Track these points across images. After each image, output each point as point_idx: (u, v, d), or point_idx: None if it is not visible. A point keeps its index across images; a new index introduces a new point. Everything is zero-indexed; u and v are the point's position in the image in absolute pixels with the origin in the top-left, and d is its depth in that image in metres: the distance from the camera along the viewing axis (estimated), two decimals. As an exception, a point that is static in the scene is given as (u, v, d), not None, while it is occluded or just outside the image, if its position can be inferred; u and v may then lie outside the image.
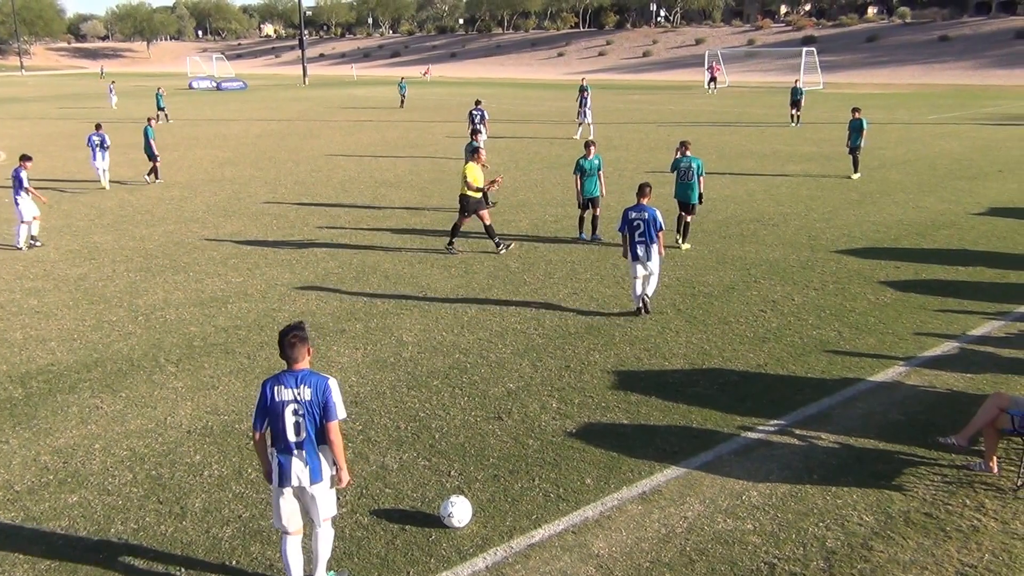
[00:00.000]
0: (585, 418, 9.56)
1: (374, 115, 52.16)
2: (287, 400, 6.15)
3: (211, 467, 8.58)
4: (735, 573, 6.78)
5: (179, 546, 7.23)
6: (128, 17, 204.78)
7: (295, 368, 6.21)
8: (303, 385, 6.16)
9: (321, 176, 27.70)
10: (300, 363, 6.21)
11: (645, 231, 12.69)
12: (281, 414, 6.16)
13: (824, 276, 15.08)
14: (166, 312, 13.62)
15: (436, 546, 7.17)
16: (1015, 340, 11.73)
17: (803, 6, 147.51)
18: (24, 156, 18.76)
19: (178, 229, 19.85)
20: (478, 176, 16.70)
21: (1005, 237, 17.85)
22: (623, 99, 61.94)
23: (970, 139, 35.17)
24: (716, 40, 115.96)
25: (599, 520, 7.52)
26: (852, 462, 8.50)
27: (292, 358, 6.20)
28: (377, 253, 17.19)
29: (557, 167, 28.83)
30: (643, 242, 12.73)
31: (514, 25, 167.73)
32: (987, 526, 7.36)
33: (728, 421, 9.44)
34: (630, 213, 12.87)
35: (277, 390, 6.18)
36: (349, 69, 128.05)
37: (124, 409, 9.99)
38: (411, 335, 12.35)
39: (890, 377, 10.64)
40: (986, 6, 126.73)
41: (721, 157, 30.07)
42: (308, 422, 6.17)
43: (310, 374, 6.23)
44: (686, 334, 12.23)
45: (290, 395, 6.15)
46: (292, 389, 6.15)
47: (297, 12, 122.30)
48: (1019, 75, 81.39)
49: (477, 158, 17.09)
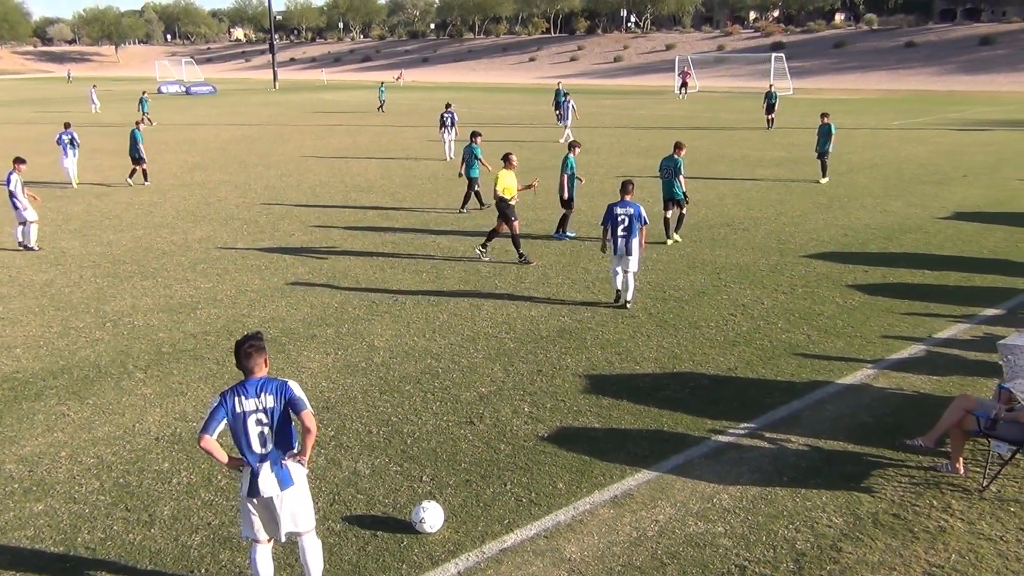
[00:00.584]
0: (557, 422, 9.57)
1: (345, 119, 51.99)
2: (249, 411, 6.02)
3: (180, 474, 8.49)
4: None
5: (147, 555, 7.15)
6: (95, 21, 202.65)
7: (252, 377, 6.09)
8: (264, 393, 6.03)
9: (292, 181, 27.56)
10: (257, 373, 6.09)
11: (629, 226, 13.15)
12: (244, 426, 6.03)
13: (793, 280, 15.21)
14: (134, 318, 13.48)
15: (408, 552, 7.14)
16: (980, 343, 11.88)
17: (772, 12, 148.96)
18: (17, 158, 18.67)
19: (147, 234, 19.66)
20: (510, 184, 16.38)
21: (970, 241, 18.09)
22: (595, 104, 62.12)
23: (936, 144, 35.65)
24: (686, 46, 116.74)
25: (571, 524, 7.53)
26: (821, 464, 8.57)
27: (248, 368, 6.08)
28: (348, 258, 17.12)
29: (527, 171, 28.82)
30: (625, 236, 13.16)
31: (485, 30, 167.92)
32: (954, 527, 7.45)
33: (699, 424, 9.48)
34: (615, 208, 13.30)
35: (238, 401, 6.02)
36: (320, 73, 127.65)
37: (91, 416, 9.87)
38: (382, 340, 12.31)
39: (858, 380, 10.74)
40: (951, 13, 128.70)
41: (692, 162, 30.14)
42: (272, 430, 6.05)
43: (268, 381, 6.10)
44: (657, 338, 12.28)
45: (252, 405, 6.02)
46: (253, 399, 6.02)
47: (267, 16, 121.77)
48: (983, 81, 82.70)
49: (509, 164, 16.67)
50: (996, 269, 15.80)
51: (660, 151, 33.96)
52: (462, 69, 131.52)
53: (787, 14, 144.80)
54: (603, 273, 15.55)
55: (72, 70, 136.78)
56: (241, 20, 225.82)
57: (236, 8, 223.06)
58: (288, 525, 6.24)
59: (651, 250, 16.95)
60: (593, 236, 18.00)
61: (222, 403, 6.05)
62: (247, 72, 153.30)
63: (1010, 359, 7.67)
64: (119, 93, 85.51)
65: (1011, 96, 68.28)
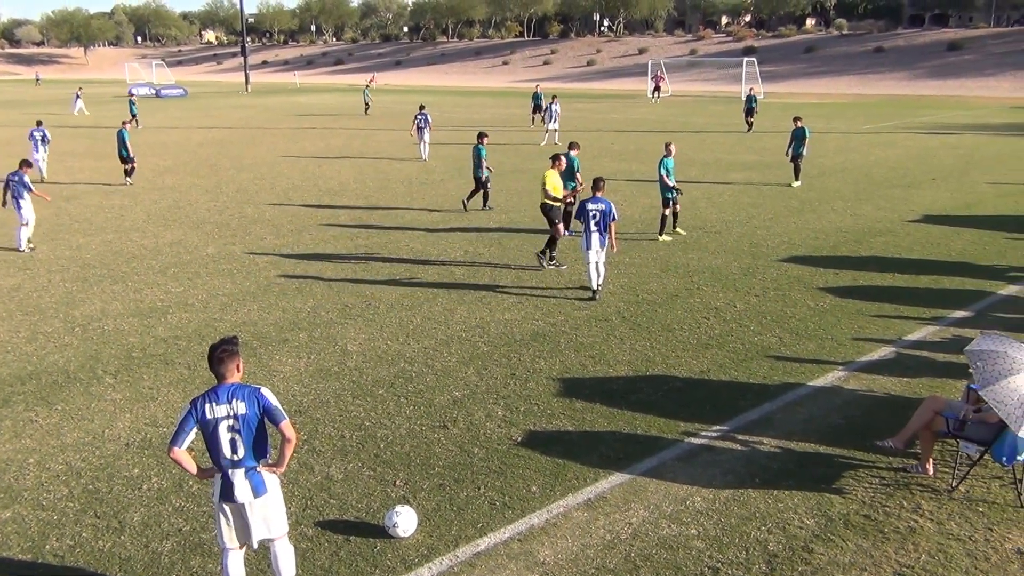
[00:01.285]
0: (530, 426, 9.56)
1: (318, 122, 51.77)
2: (221, 417, 5.95)
3: (150, 480, 8.40)
4: (679, 578, 6.84)
5: (117, 561, 7.07)
6: (64, 22, 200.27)
7: (224, 383, 6.02)
8: (235, 399, 5.96)
9: (264, 184, 27.40)
10: (229, 378, 6.02)
11: (601, 220, 13.97)
12: (215, 432, 5.96)
13: (765, 283, 15.32)
14: (104, 323, 13.34)
15: (381, 556, 7.11)
16: (949, 344, 12.02)
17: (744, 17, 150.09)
18: (24, 161, 19.05)
19: (117, 238, 19.47)
20: (558, 184, 16.30)
21: (939, 244, 18.30)
22: (568, 107, 62.11)
23: (905, 148, 36.05)
24: (659, 50, 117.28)
25: (545, 527, 7.53)
26: (793, 466, 8.63)
27: (220, 373, 6.00)
28: (321, 262, 17.04)
29: (500, 175, 28.87)
30: (598, 230, 13.98)
31: (458, 34, 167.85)
32: (924, 527, 7.52)
33: (672, 427, 9.52)
34: (588, 204, 14.11)
35: (209, 407, 5.95)
36: (292, 76, 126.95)
37: (60, 422, 9.76)
38: (355, 344, 12.25)
39: (829, 382, 10.83)
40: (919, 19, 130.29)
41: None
42: (244, 436, 5.98)
43: (240, 387, 6.03)
44: (630, 341, 12.32)
45: (224, 411, 5.95)
46: (225, 405, 5.95)
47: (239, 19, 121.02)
48: (951, 85, 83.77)
49: (557, 164, 16.57)
50: (964, 271, 16.00)
51: (632, 155, 34.22)
52: (435, 72, 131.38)
53: (759, 19, 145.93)
54: (576, 277, 15.59)
55: (40, 72, 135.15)
56: (212, 22, 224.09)
57: (207, 10, 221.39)
58: (261, 532, 6.19)
59: (624, 253, 17.03)
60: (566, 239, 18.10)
61: (192, 411, 5.97)
62: (219, 75, 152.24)
63: (979, 365, 7.74)
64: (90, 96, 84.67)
65: (979, 101, 69.19)
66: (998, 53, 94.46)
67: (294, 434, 6.06)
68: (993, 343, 7.97)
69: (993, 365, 7.66)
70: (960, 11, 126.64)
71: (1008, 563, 7.01)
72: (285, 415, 6.07)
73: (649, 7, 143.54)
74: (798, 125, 25.61)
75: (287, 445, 6.02)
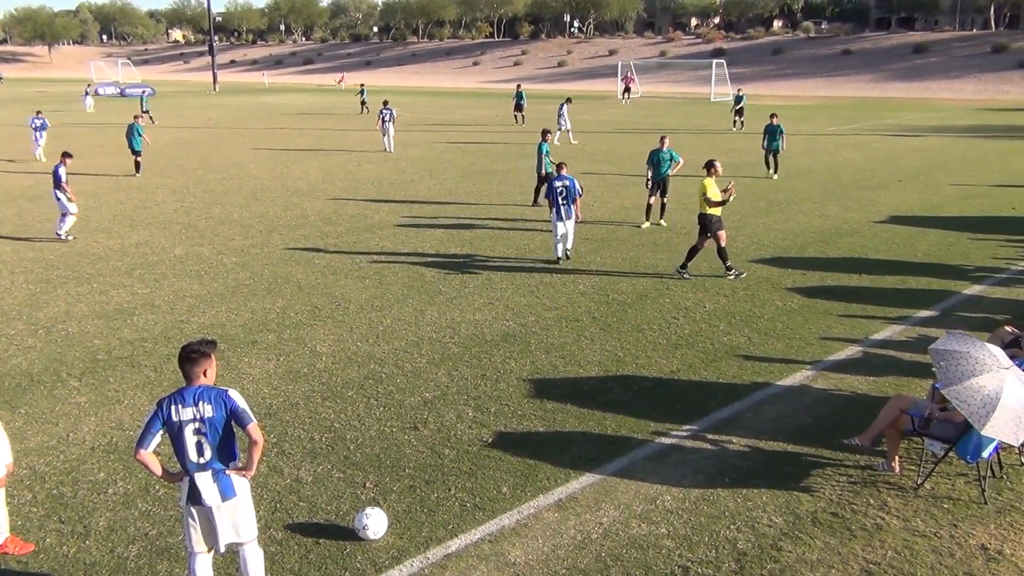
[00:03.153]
0: (501, 427, 9.56)
1: (287, 122, 51.43)
2: (187, 420, 5.87)
3: (116, 484, 8.30)
4: (650, 577, 6.86)
5: (82, 567, 6.98)
6: (28, 20, 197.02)
7: (191, 385, 5.95)
8: (202, 402, 5.88)
9: (232, 185, 27.18)
10: (196, 380, 5.95)
11: (567, 195, 16.31)
12: (180, 435, 5.89)
13: (734, 283, 15.41)
14: (68, 325, 13.16)
15: (351, 559, 7.07)
16: (915, 344, 12.15)
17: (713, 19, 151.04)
18: (65, 153, 19.70)
19: (81, 239, 19.21)
20: (718, 191, 15.45)
21: (905, 244, 18.51)
22: (539, 108, 62.25)
23: (871, 150, 36.44)
24: (629, 51, 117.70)
25: (516, 528, 7.52)
26: (762, 465, 8.68)
27: (188, 373, 5.94)
28: (289, 263, 16.92)
29: (470, 175, 28.88)
30: (566, 204, 16.32)
31: (429, 34, 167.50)
32: (890, 524, 7.60)
33: (642, 427, 9.55)
34: (555, 182, 16.53)
35: (175, 410, 5.88)
36: (260, 76, 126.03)
37: (23, 426, 9.61)
38: (325, 345, 12.18)
39: (798, 381, 10.92)
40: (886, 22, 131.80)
41: (636, 166, 30.45)
42: (211, 439, 5.91)
43: (207, 389, 5.95)
44: (600, 341, 12.35)
45: (190, 414, 5.87)
46: (191, 407, 5.87)
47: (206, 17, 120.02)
48: (917, 88, 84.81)
49: (714, 171, 15.55)
50: (930, 272, 16.20)
51: (603, 156, 34.30)
52: (405, 73, 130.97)
53: (727, 21, 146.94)
54: (547, 278, 15.61)
55: (3, 71, 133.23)
56: (180, 21, 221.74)
57: (174, 9, 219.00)
58: (228, 536, 6.12)
59: (595, 253, 17.10)
60: (535, 228, 18.16)
61: (158, 412, 5.90)
62: (186, 74, 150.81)
63: (943, 365, 7.83)
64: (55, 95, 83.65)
65: (944, 103, 70.09)
66: (963, 56, 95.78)
67: (262, 437, 6.02)
68: (957, 343, 8.07)
69: (956, 365, 7.75)
70: (926, 14, 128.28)
71: (972, 559, 7.10)
72: (253, 417, 6.01)
73: (619, 9, 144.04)
74: (773, 122, 26.44)
75: (255, 448, 5.96)
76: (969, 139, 41.07)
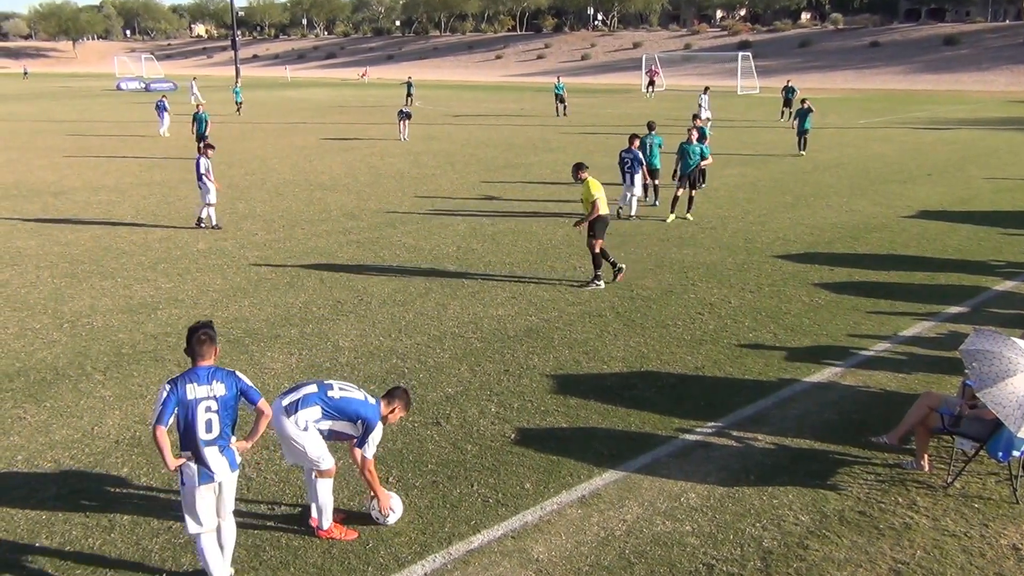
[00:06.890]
0: (524, 422, 9.50)
1: (309, 116, 51.58)
2: (201, 397, 6.17)
3: (140, 478, 8.32)
4: (674, 575, 6.78)
5: (107, 560, 6.99)
6: (52, 16, 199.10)
7: (202, 365, 6.27)
8: (215, 380, 6.23)
9: (255, 179, 27.27)
10: (207, 360, 6.28)
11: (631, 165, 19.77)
12: (193, 412, 6.16)
13: (760, 279, 15.26)
14: (93, 319, 13.22)
15: (374, 554, 7.04)
16: (945, 340, 11.98)
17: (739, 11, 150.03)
18: (207, 144, 20.36)
19: (106, 233, 19.33)
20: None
21: (935, 240, 18.27)
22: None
23: (900, 143, 36.06)
24: (653, 44, 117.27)
25: (538, 525, 7.47)
26: (788, 462, 8.58)
27: (201, 354, 6.27)
28: (312, 257, 16.94)
29: (493, 169, 28.83)
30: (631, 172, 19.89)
31: (451, 27, 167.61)
32: (919, 523, 7.48)
33: (666, 423, 9.46)
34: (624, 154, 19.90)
35: (190, 388, 6.18)
36: (283, 71, 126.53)
37: (48, 419, 9.65)
38: (347, 340, 12.17)
39: (825, 378, 10.78)
40: (915, 13, 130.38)
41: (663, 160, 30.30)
42: (222, 417, 6.23)
43: (218, 369, 6.31)
44: (624, 337, 12.26)
45: (204, 392, 6.18)
46: (205, 386, 6.20)
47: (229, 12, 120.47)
48: (947, 80, 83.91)
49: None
50: (960, 267, 15.97)
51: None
52: (427, 67, 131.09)
53: (753, 13, 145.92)
54: (570, 272, 15.53)
55: (28, 66, 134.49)
56: (203, 16, 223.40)
57: (197, 3, 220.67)
58: (229, 507, 6.50)
59: (619, 248, 17.02)
60: (557, 222, 18.08)
61: (173, 389, 6.17)
62: (208, 68, 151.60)
63: (975, 367, 7.67)
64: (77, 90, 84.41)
65: (975, 95, 69.31)
66: (994, 47, 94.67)
67: (269, 408, 6.51)
68: (988, 342, 7.91)
69: (990, 366, 7.60)
70: (957, 5, 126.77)
71: (1004, 559, 6.98)
72: (260, 394, 6.46)
73: (644, 1, 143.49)
74: (804, 106, 28.08)
75: (263, 418, 6.44)
76: (1001, 132, 40.56)
